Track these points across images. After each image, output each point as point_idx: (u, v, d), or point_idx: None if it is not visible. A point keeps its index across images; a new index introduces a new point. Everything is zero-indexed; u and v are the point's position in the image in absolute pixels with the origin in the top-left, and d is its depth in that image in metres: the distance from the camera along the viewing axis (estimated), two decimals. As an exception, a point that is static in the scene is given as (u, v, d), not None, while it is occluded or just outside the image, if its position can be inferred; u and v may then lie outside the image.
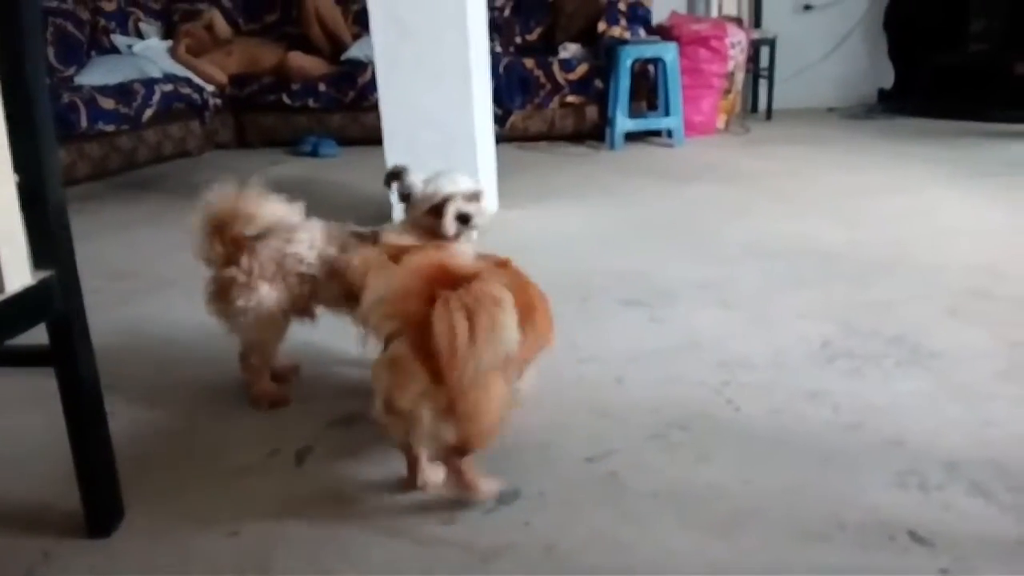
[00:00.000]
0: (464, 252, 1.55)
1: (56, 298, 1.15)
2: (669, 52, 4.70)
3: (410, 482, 1.37)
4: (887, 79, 6.00)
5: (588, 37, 5.15)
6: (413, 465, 1.36)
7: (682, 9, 5.89)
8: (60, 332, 1.18)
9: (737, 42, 5.10)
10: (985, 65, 5.25)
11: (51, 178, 1.13)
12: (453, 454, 1.26)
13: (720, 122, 5.21)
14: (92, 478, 1.26)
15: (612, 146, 4.76)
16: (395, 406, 1.19)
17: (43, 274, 1.13)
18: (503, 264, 1.44)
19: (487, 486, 1.32)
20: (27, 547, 1.26)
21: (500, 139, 3.61)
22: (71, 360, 1.20)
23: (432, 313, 1.12)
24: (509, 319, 1.14)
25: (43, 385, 1.27)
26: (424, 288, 1.16)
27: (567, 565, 1.18)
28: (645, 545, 1.21)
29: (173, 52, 5.13)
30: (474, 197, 1.65)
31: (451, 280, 1.17)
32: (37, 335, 1.16)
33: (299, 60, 5.17)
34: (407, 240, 1.58)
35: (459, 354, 1.11)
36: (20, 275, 1.08)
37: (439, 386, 1.16)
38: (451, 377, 1.13)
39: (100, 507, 1.28)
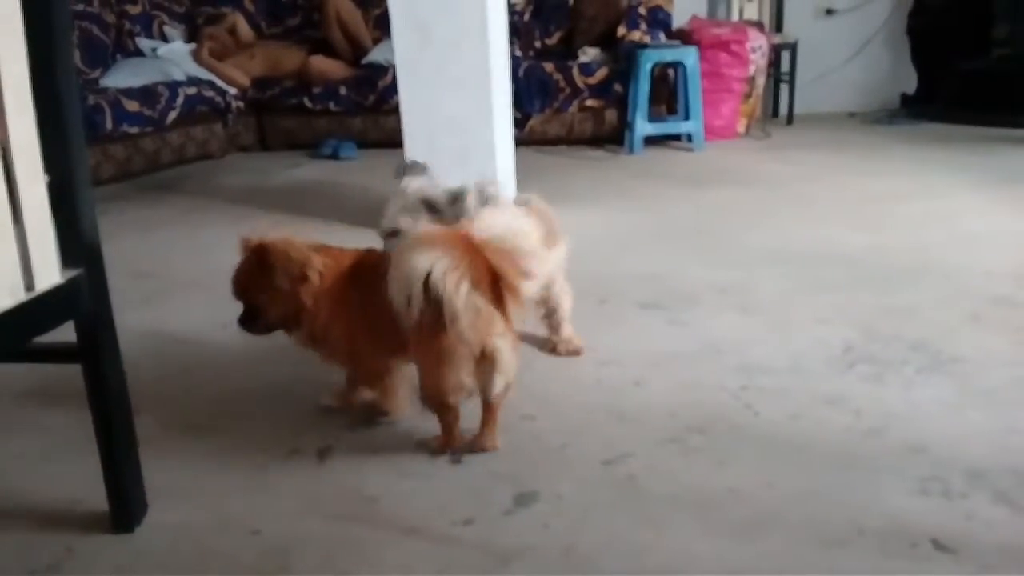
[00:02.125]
0: None
1: (84, 296, 1.17)
2: (689, 56, 4.69)
3: (448, 440, 1.48)
4: (910, 84, 5.94)
5: (608, 41, 5.15)
6: (455, 423, 1.48)
7: (703, 13, 5.87)
8: (88, 330, 1.20)
9: (758, 46, 5.07)
10: (1009, 70, 5.18)
11: (80, 179, 1.15)
12: (503, 397, 1.46)
13: (740, 126, 5.19)
14: (117, 473, 1.28)
15: (631, 150, 4.75)
16: (486, 348, 1.37)
17: (72, 273, 1.15)
18: None
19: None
20: (51, 542, 1.28)
21: (519, 142, 3.62)
22: (98, 357, 1.21)
23: (485, 264, 1.34)
24: None
25: (70, 381, 1.29)
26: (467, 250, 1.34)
27: (585, 568, 1.18)
28: (663, 549, 1.21)
29: (196, 55, 5.18)
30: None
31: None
32: (65, 333, 1.19)
33: (320, 64, 5.21)
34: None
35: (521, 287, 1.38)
36: (50, 274, 1.10)
37: (508, 324, 1.39)
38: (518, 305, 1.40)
39: (124, 502, 1.29)
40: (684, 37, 5.06)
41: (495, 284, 1.36)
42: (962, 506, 1.27)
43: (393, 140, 3.38)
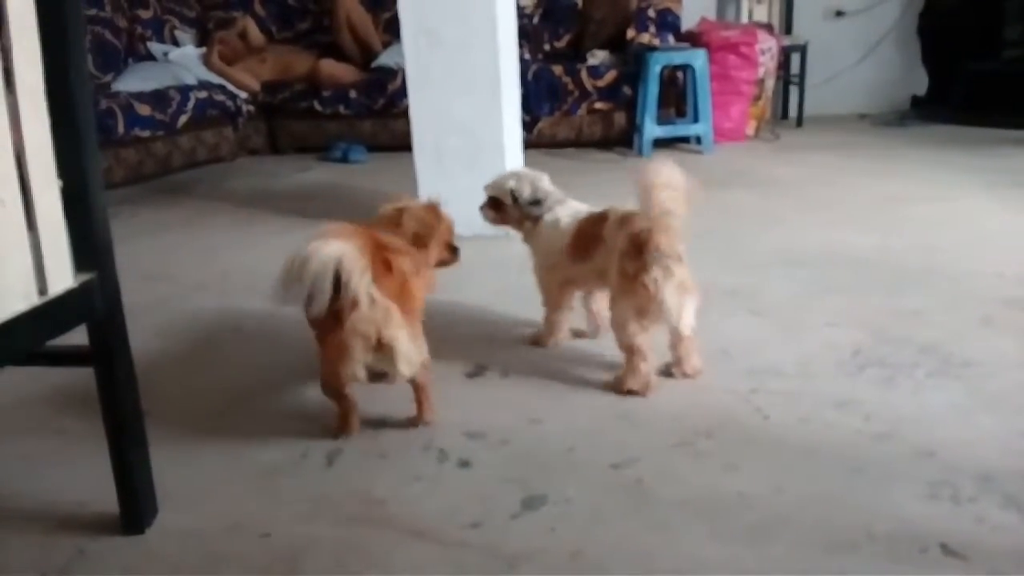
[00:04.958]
0: None
1: (97, 300, 1.18)
2: (698, 59, 4.69)
3: (343, 427, 1.59)
4: (920, 86, 5.92)
5: (617, 44, 5.15)
6: (350, 411, 1.60)
7: (712, 15, 5.86)
8: (100, 333, 1.21)
9: (767, 48, 5.06)
10: (1021, 71, 5.15)
11: (93, 184, 1.16)
12: (424, 378, 1.60)
13: (750, 129, 5.18)
14: (128, 475, 1.29)
15: (640, 153, 4.75)
16: (383, 339, 1.46)
17: (84, 277, 1.16)
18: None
19: None
20: (64, 543, 1.29)
21: (528, 145, 3.62)
22: (110, 360, 1.22)
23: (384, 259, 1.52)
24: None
25: (81, 384, 1.30)
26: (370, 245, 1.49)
27: (593, 572, 1.18)
28: (671, 553, 1.21)
29: (206, 59, 5.21)
30: None
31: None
32: (77, 336, 1.20)
33: (330, 67, 5.23)
34: None
35: None
36: (63, 278, 1.11)
37: (409, 316, 1.51)
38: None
39: (135, 504, 1.31)
40: (693, 39, 5.05)
41: (395, 279, 1.50)
42: (971, 510, 1.27)
43: (403, 143, 3.39)
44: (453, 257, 1.87)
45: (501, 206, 2.00)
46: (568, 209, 1.97)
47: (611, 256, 1.74)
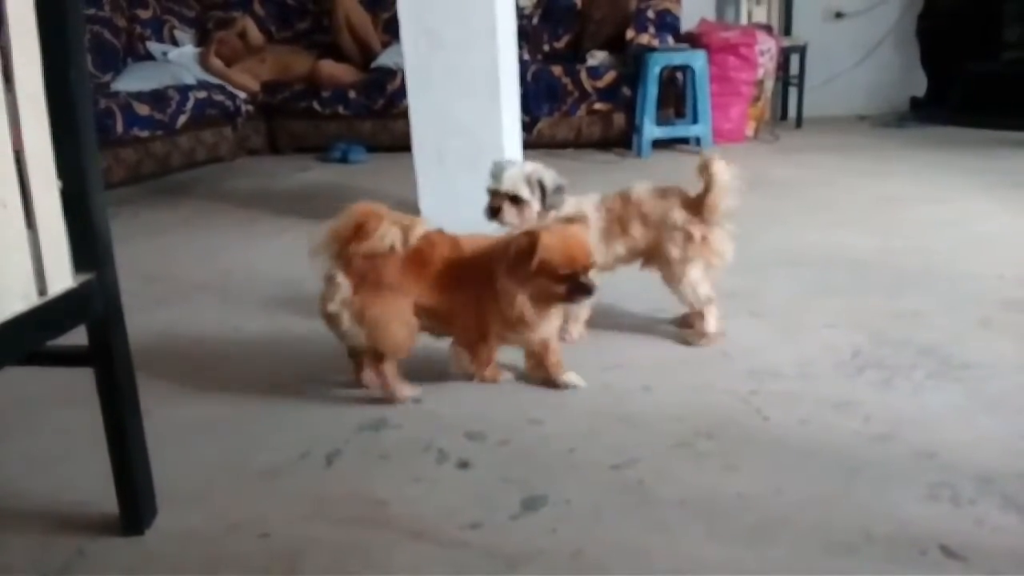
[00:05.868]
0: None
1: (96, 301, 1.18)
2: (698, 60, 4.69)
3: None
4: (919, 87, 5.93)
5: (616, 44, 5.16)
6: (354, 364, 1.76)
7: (711, 16, 5.87)
8: (99, 333, 1.21)
9: (767, 49, 5.07)
10: (1020, 73, 5.16)
11: (93, 184, 1.16)
12: (369, 357, 1.69)
13: (749, 130, 5.19)
14: (128, 476, 1.29)
15: (640, 154, 4.76)
16: (325, 311, 1.64)
17: (84, 277, 1.16)
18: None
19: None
20: (63, 544, 1.29)
21: (527, 146, 3.63)
22: (109, 361, 1.22)
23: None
24: None
25: (81, 385, 1.30)
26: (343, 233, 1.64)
27: (593, 572, 1.18)
28: (671, 553, 1.21)
29: (202, 60, 5.21)
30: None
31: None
32: (77, 336, 1.20)
33: (330, 68, 5.23)
34: None
35: None
36: (62, 278, 1.11)
37: (368, 296, 1.61)
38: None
39: (135, 505, 1.30)
40: (693, 40, 5.06)
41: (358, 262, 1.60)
42: (971, 512, 1.27)
43: (402, 144, 3.39)
44: (565, 295, 1.63)
45: (521, 203, 1.92)
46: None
47: (658, 229, 1.93)
